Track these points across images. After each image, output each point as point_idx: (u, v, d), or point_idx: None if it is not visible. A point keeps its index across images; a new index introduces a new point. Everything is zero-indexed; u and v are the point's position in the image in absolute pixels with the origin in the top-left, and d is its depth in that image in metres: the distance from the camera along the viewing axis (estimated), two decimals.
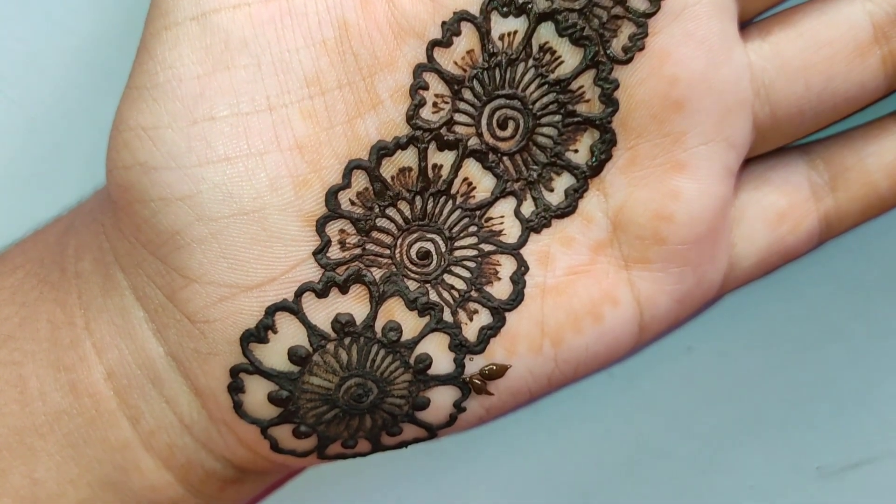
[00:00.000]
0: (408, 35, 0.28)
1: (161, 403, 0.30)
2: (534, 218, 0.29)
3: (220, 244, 0.28)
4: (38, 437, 0.30)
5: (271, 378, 0.29)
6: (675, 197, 0.29)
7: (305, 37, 0.27)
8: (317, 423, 0.29)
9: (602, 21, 0.28)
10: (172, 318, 0.29)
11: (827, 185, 0.32)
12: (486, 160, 0.29)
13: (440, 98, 0.28)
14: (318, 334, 0.28)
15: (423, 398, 0.30)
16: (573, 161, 0.29)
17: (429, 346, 0.29)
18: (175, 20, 0.27)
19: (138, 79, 0.28)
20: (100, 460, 0.30)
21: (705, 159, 0.29)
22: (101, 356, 0.30)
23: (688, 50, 0.28)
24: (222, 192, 0.27)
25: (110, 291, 0.30)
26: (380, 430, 0.30)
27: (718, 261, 0.31)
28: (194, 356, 0.29)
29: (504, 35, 0.28)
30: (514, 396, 0.31)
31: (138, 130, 0.27)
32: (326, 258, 0.28)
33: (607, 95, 0.29)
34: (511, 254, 0.29)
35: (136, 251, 0.29)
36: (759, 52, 0.30)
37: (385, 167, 0.28)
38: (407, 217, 0.29)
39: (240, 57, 0.27)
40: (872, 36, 0.30)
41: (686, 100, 0.29)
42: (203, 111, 0.27)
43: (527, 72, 0.28)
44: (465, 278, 0.29)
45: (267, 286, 0.28)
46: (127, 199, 0.28)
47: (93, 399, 0.30)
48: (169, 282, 0.28)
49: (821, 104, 0.30)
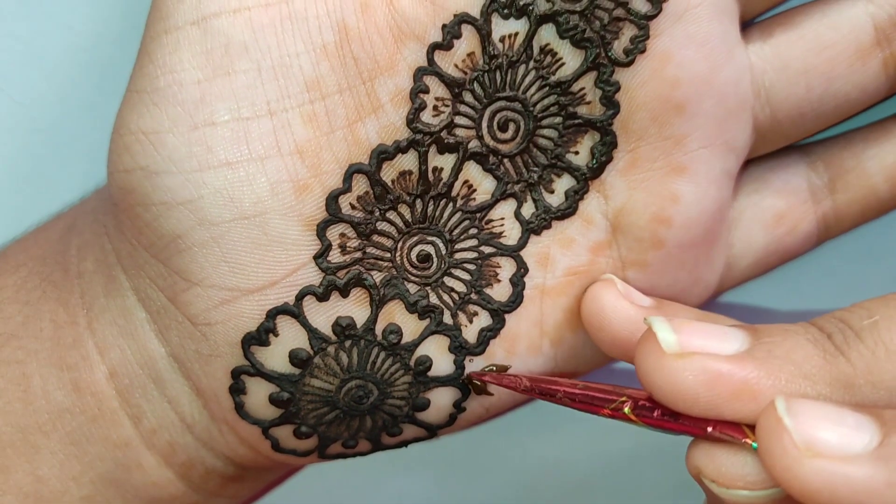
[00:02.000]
0: (408, 38, 0.27)
1: (163, 403, 0.30)
2: (534, 220, 0.29)
3: (221, 248, 0.28)
4: (41, 434, 0.30)
5: (272, 380, 0.29)
6: (674, 200, 0.29)
7: (305, 41, 0.27)
8: (317, 424, 0.30)
9: (603, 23, 0.28)
10: (174, 320, 0.29)
11: (826, 187, 0.32)
12: (486, 162, 0.29)
13: (441, 101, 0.28)
14: (318, 337, 0.29)
15: (423, 399, 0.30)
16: (574, 163, 0.29)
17: (429, 349, 0.29)
18: (175, 24, 0.27)
19: (139, 82, 0.28)
20: (102, 458, 0.30)
21: (705, 163, 0.29)
22: (103, 356, 0.30)
23: (689, 52, 0.28)
24: (223, 197, 0.27)
25: (112, 292, 0.30)
26: (380, 430, 0.30)
27: (715, 262, 0.31)
28: (196, 357, 0.29)
29: (505, 37, 0.28)
30: (514, 396, 0.31)
31: (139, 135, 0.27)
32: (327, 262, 0.28)
33: (608, 97, 0.29)
34: (511, 256, 0.29)
35: (137, 253, 0.29)
36: (759, 53, 0.30)
37: (385, 171, 0.28)
38: (407, 220, 0.29)
39: (240, 61, 0.27)
40: (874, 38, 0.29)
41: (687, 102, 0.29)
42: (204, 116, 0.27)
43: (527, 74, 0.28)
44: (465, 281, 0.29)
45: (268, 290, 0.28)
46: (128, 202, 0.28)
47: (95, 398, 0.30)
48: (171, 284, 0.28)
49: (821, 106, 0.30)
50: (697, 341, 0.25)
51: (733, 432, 0.24)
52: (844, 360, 0.24)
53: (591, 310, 0.29)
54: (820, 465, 0.22)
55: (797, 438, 0.22)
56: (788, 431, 0.22)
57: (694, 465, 0.25)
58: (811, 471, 0.21)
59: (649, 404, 0.26)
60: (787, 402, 0.22)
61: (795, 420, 0.22)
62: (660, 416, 0.25)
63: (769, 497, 0.24)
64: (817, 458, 0.22)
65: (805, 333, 0.25)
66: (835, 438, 0.22)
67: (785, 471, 0.22)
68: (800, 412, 0.22)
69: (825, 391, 0.24)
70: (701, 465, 0.24)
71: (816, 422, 0.22)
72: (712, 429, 0.24)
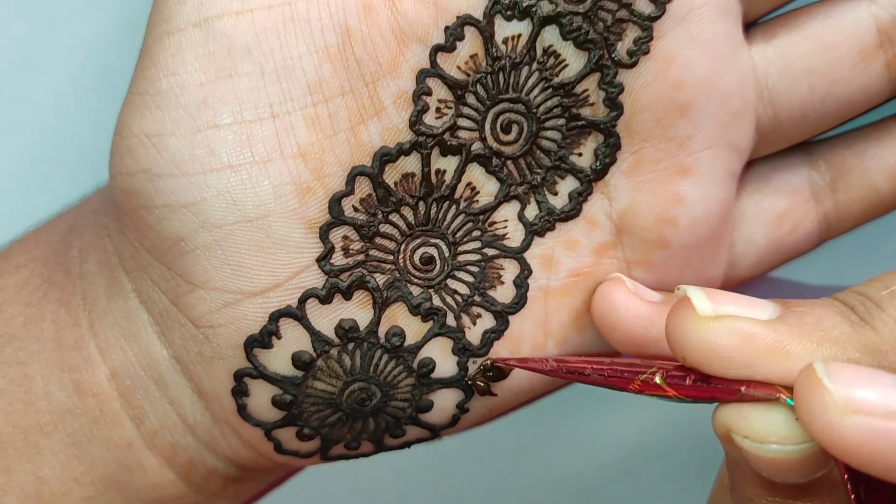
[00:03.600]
0: (411, 40, 0.27)
1: (165, 404, 0.30)
2: (538, 222, 0.29)
3: (224, 251, 0.28)
4: (42, 435, 0.30)
5: (275, 382, 0.29)
6: (678, 201, 0.29)
7: (308, 43, 0.27)
8: (320, 426, 0.30)
9: (607, 24, 0.28)
10: (177, 322, 0.29)
11: (828, 186, 0.32)
12: (489, 164, 0.29)
13: (443, 103, 0.28)
14: (321, 340, 0.28)
15: (426, 401, 0.30)
16: (577, 165, 0.29)
17: (432, 351, 0.29)
18: (178, 26, 0.27)
19: (141, 84, 0.28)
20: (103, 459, 0.30)
21: (709, 164, 0.29)
22: (105, 357, 0.30)
23: (693, 53, 0.28)
24: (226, 200, 0.27)
25: (115, 294, 0.30)
26: (383, 432, 0.30)
27: (719, 261, 0.31)
28: (198, 360, 0.29)
29: (508, 39, 0.28)
30: (518, 396, 0.31)
31: (142, 137, 0.27)
32: (330, 265, 0.28)
33: (612, 99, 0.28)
34: (514, 257, 0.29)
35: (140, 255, 0.29)
36: (763, 54, 0.30)
37: (388, 173, 0.28)
38: (410, 223, 0.29)
39: (243, 64, 0.27)
40: (877, 40, 0.29)
41: (691, 104, 0.29)
42: (206, 119, 0.27)
43: (531, 75, 0.28)
44: (469, 283, 0.29)
45: (271, 292, 0.28)
46: (131, 204, 0.28)
47: (97, 399, 0.30)
48: (173, 287, 0.28)
49: (824, 108, 0.30)
50: (730, 307, 0.25)
51: (768, 390, 0.24)
52: (870, 328, 0.25)
53: (602, 309, 0.29)
54: (861, 421, 0.22)
55: (837, 397, 0.22)
56: (828, 390, 0.22)
57: (722, 423, 0.25)
58: (852, 426, 0.22)
59: (680, 373, 0.26)
60: (825, 364, 0.23)
61: (834, 380, 0.23)
62: (692, 382, 0.25)
63: (801, 452, 0.24)
64: (858, 415, 0.22)
65: (830, 306, 0.26)
66: (874, 396, 0.22)
67: (825, 426, 0.22)
68: (838, 373, 0.23)
69: (855, 356, 0.25)
70: (731, 422, 0.25)
71: (855, 381, 0.23)
72: (746, 388, 0.24)
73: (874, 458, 0.22)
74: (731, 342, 0.24)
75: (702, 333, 0.25)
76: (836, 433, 0.22)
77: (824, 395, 0.22)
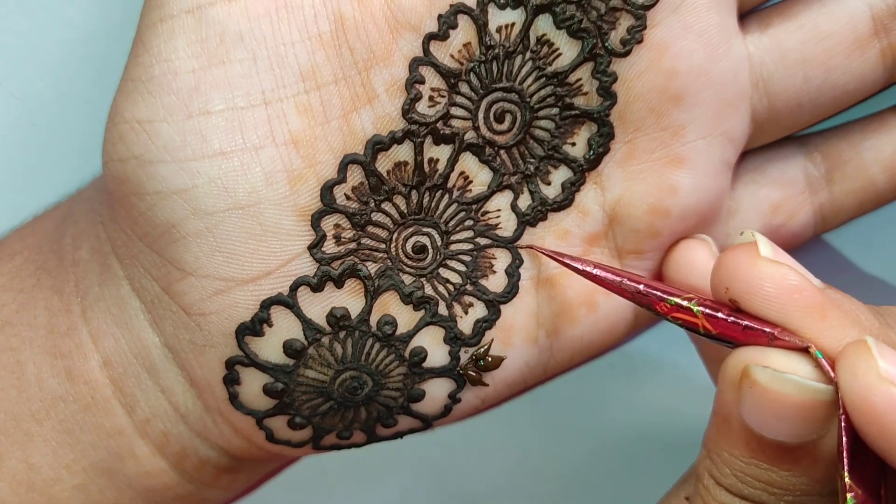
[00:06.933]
0: (404, 28, 0.27)
1: (156, 392, 0.30)
2: (530, 212, 0.29)
3: (215, 238, 0.28)
4: (34, 422, 0.30)
5: (266, 370, 0.29)
6: (672, 192, 0.29)
7: (301, 30, 0.27)
8: (312, 415, 0.30)
9: (600, 13, 0.28)
10: (168, 309, 0.29)
11: (823, 178, 0.32)
12: (482, 154, 0.29)
13: (436, 92, 0.28)
14: (313, 328, 0.28)
15: (418, 390, 0.30)
16: (570, 154, 0.29)
17: (424, 340, 0.29)
18: (170, 12, 0.27)
19: (133, 71, 0.27)
20: (95, 446, 0.30)
21: (703, 153, 0.29)
22: (97, 344, 0.30)
23: (687, 42, 0.28)
24: (217, 187, 0.27)
25: (107, 281, 0.30)
26: (375, 421, 0.30)
27: None
28: (190, 347, 0.29)
29: (501, 27, 0.28)
30: (510, 386, 0.31)
31: (133, 123, 0.27)
32: (321, 253, 0.28)
33: (605, 88, 0.28)
34: (506, 247, 0.29)
35: (132, 243, 0.29)
36: (757, 44, 0.30)
37: (381, 161, 0.28)
38: (403, 211, 0.28)
39: (235, 51, 0.27)
40: (872, 28, 0.29)
41: (685, 93, 0.28)
42: (198, 105, 0.27)
43: (524, 64, 0.28)
44: (461, 272, 0.29)
45: (262, 280, 0.28)
46: (123, 191, 0.28)
47: (88, 386, 0.30)
48: (165, 274, 0.28)
49: (819, 97, 0.30)
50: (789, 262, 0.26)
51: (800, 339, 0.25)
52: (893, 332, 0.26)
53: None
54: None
55: (881, 367, 0.24)
56: (875, 359, 0.24)
57: (741, 360, 0.25)
58: (887, 393, 0.23)
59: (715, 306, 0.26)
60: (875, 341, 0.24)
61: (881, 355, 0.24)
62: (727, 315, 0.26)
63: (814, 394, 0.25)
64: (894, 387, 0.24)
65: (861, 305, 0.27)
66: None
67: (863, 386, 0.24)
68: (885, 351, 0.24)
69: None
70: (753, 358, 0.25)
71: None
72: (779, 332, 0.25)
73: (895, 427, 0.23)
74: (780, 287, 0.25)
75: (757, 270, 0.25)
76: (872, 394, 0.24)
77: (870, 361, 0.24)
